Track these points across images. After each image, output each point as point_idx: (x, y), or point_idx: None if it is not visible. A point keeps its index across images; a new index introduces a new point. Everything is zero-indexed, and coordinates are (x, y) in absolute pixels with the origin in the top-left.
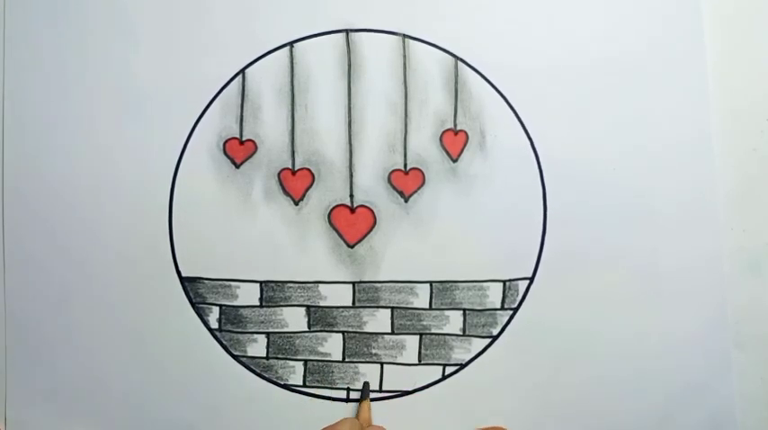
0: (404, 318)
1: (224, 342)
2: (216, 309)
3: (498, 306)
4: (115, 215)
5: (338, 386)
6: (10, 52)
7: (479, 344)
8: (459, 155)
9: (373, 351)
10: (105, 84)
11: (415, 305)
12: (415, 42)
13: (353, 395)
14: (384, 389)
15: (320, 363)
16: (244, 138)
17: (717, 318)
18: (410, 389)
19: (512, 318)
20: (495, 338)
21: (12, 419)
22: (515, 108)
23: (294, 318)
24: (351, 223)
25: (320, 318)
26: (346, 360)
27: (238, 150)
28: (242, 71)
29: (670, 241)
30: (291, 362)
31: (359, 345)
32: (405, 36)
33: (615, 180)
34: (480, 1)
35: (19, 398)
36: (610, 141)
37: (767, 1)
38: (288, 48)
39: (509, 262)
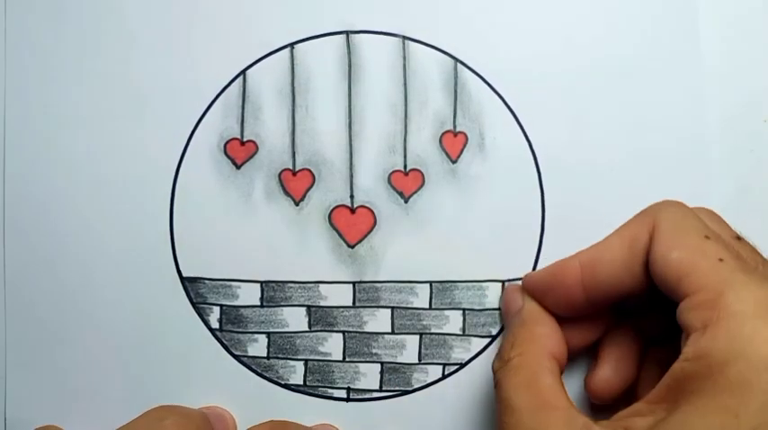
0: (404, 318)
1: (225, 342)
2: (216, 309)
3: (497, 306)
4: (116, 215)
5: (338, 385)
6: (11, 53)
7: (479, 343)
8: (459, 156)
9: (373, 350)
10: (106, 85)
11: (415, 305)
12: (415, 44)
13: (354, 395)
14: (384, 388)
15: (321, 363)
16: (245, 139)
17: None
18: (410, 388)
19: None
20: (494, 338)
21: (12, 419)
22: (514, 110)
23: (295, 318)
24: (351, 223)
25: (321, 317)
26: (347, 359)
27: (239, 151)
28: (243, 72)
29: None
30: (292, 362)
31: (359, 345)
32: (405, 38)
33: (613, 181)
34: (480, 4)
35: (19, 398)
36: (608, 143)
37: (764, 2)
38: (288, 49)
39: (508, 262)
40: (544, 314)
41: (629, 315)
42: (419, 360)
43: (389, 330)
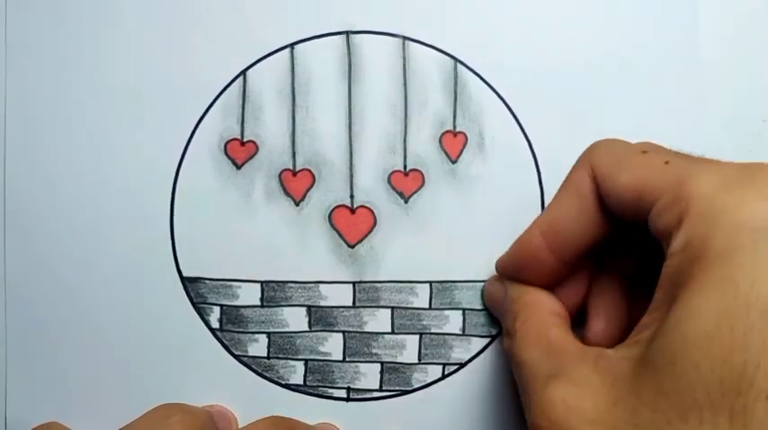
0: (404, 318)
1: (225, 342)
2: (217, 309)
3: None
4: (117, 215)
5: (339, 385)
6: (11, 53)
7: (479, 343)
8: (459, 156)
9: (373, 350)
10: (106, 85)
11: (414, 305)
12: (415, 44)
13: (354, 395)
14: (384, 388)
15: (321, 363)
16: (245, 140)
17: None
18: (410, 388)
19: None
20: (494, 338)
21: (12, 419)
22: (514, 110)
23: (295, 318)
24: (351, 224)
25: (321, 317)
26: (347, 359)
27: (239, 151)
28: (243, 72)
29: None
30: (292, 362)
31: (359, 345)
32: (405, 38)
33: None
34: (480, 3)
35: (19, 398)
36: None
37: (764, 2)
38: (288, 49)
39: None
40: (530, 286)
41: (606, 262)
42: (419, 360)
43: (389, 330)
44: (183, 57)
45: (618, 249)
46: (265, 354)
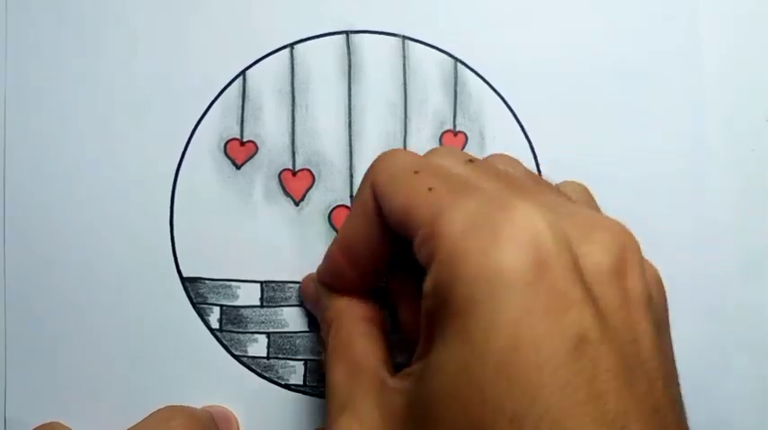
0: None
1: (225, 342)
2: (216, 309)
3: None
4: (117, 215)
5: None
6: (12, 54)
7: None
8: None
9: None
10: (106, 85)
11: None
12: (415, 44)
13: None
14: None
15: (320, 363)
16: (244, 139)
17: (716, 319)
18: None
19: None
20: None
21: (12, 419)
22: (514, 110)
23: (294, 318)
24: None
25: None
26: None
27: (239, 151)
28: (243, 72)
29: (669, 242)
30: (292, 362)
31: None
32: (405, 38)
33: (613, 182)
34: (480, 3)
35: (19, 398)
36: (608, 143)
37: (764, 2)
38: (288, 49)
39: None
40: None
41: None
42: None
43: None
44: (182, 57)
45: None
46: (265, 355)
